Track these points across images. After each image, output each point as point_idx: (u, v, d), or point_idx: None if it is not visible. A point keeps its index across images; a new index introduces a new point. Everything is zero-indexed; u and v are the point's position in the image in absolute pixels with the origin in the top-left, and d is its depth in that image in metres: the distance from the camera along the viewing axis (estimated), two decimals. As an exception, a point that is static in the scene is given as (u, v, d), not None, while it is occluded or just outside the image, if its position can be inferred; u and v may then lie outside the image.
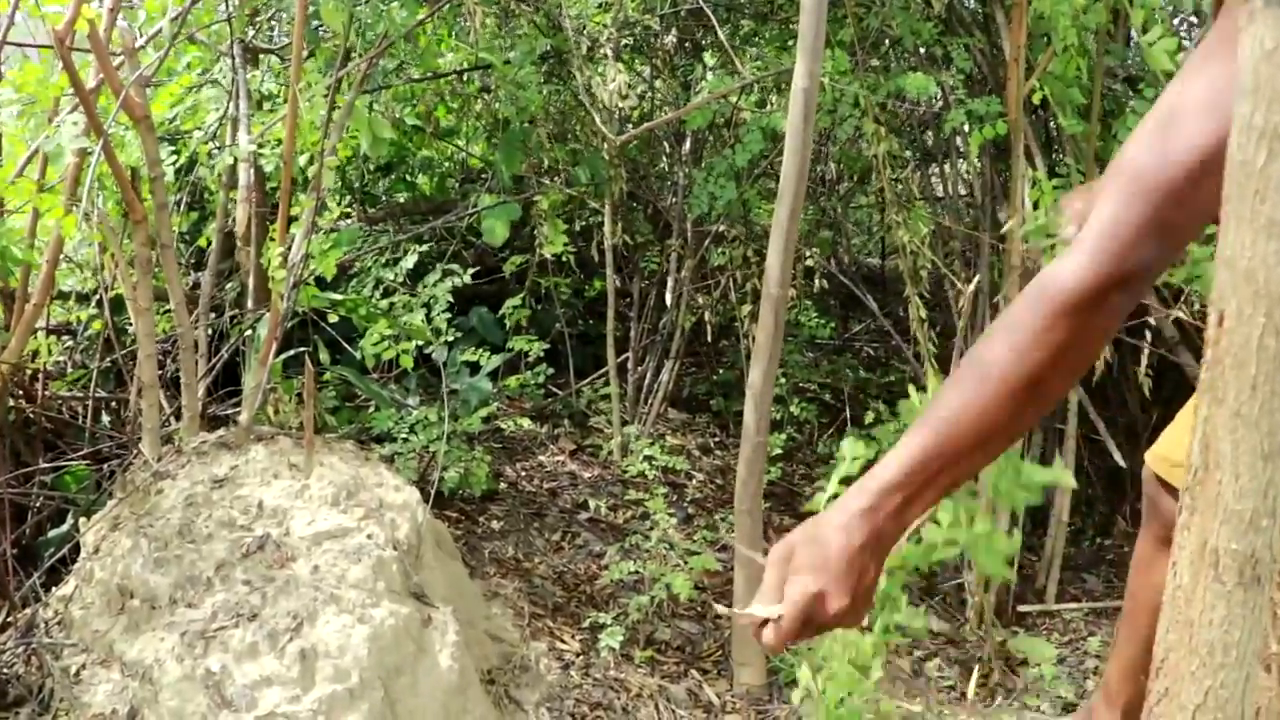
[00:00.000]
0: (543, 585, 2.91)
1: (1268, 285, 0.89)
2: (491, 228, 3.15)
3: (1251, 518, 0.93)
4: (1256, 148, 0.87)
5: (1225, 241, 0.91)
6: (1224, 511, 0.95)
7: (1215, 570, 0.96)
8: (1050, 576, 3.34)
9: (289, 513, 2.08)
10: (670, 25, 3.77)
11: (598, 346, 4.53)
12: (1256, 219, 0.88)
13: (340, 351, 3.30)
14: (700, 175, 3.01)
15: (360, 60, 2.13)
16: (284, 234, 2.11)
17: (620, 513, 3.48)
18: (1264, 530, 0.94)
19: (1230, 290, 0.91)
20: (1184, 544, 1.05)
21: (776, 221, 2.32)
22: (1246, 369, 0.91)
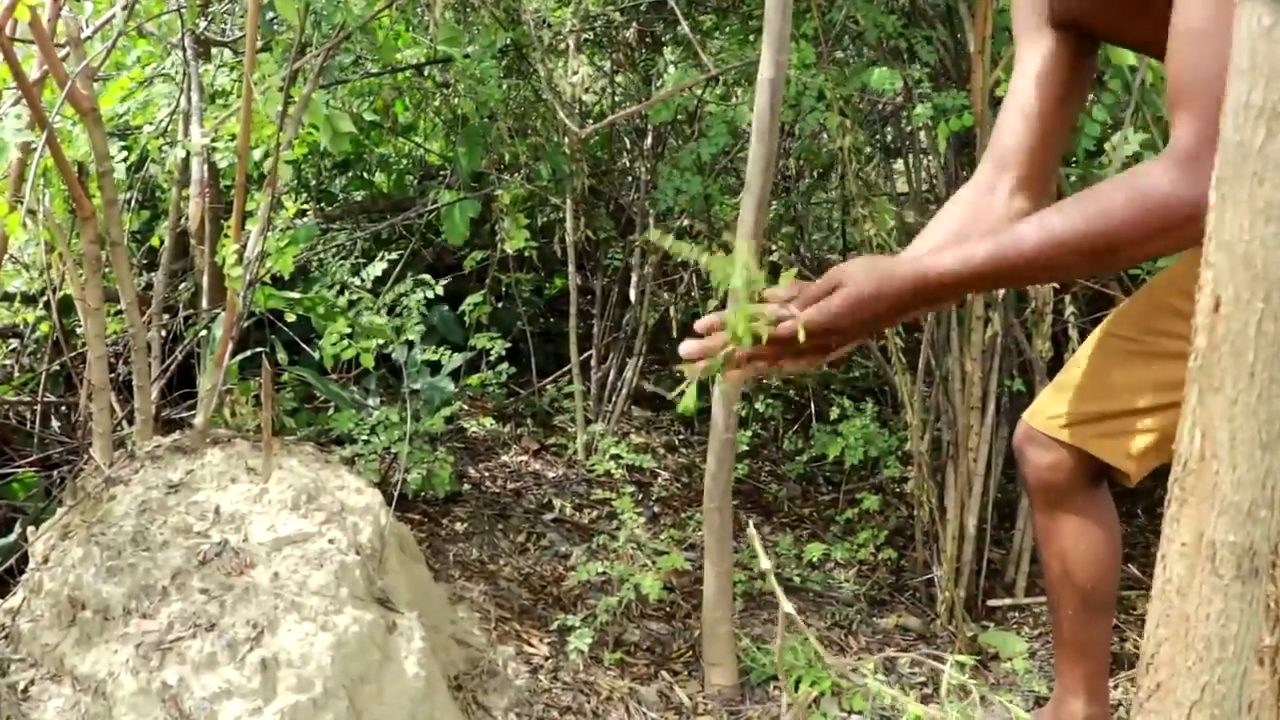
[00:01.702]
0: (509, 588, 2.86)
1: (1266, 269, 0.86)
2: (452, 225, 3.10)
3: (1250, 509, 0.91)
4: (1254, 127, 0.84)
5: (1221, 224, 0.88)
6: (1221, 503, 0.92)
7: (1212, 564, 0.93)
8: (1019, 570, 3.33)
9: (247, 518, 2.02)
10: (631, 19, 3.73)
11: (559, 344, 4.47)
12: (1254, 201, 0.85)
13: (298, 352, 3.23)
14: (665, 169, 2.97)
15: (317, 52, 2.07)
16: (239, 231, 2.05)
17: (586, 513, 3.44)
18: (1262, 521, 0.91)
19: (1227, 275, 0.88)
20: (1174, 536, 1.03)
21: (743, 216, 2.29)
22: (1244, 356, 0.89)
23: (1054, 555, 2.03)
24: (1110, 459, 1.91)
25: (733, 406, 2.44)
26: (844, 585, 3.29)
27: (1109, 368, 1.95)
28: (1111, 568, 2.05)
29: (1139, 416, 1.89)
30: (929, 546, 3.31)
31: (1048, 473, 1.97)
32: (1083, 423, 1.92)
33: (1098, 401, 1.92)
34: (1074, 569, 2.02)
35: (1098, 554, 2.02)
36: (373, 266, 2.73)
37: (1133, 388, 1.89)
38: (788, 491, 3.89)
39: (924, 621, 3.19)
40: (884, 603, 3.27)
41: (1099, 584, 2.04)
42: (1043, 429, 1.97)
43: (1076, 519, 1.99)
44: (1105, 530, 2.01)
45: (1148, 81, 2.71)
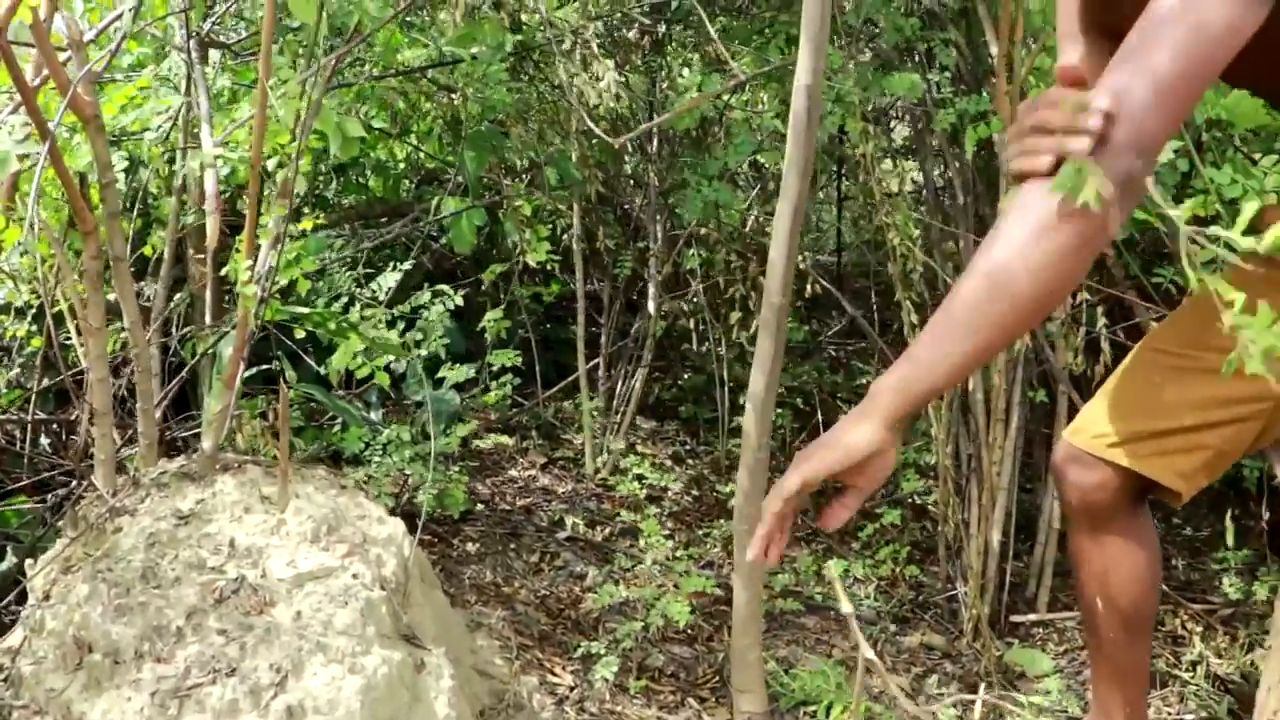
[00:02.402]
0: (526, 612, 2.75)
1: None
2: (459, 234, 2.98)
3: None
4: None
5: None
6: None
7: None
8: (1041, 584, 3.26)
9: (265, 552, 1.90)
10: (633, 20, 3.63)
11: (559, 352, 4.36)
12: None
13: (299, 364, 3.11)
14: (693, 179, 2.86)
15: (331, 56, 1.96)
16: (251, 246, 1.93)
17: (599, 529, 3.33)
18: None
19: None
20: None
21: (778, 227, 2.19)
22: None
23: (1094, 577, 1.96)
24: (1161, 478, 1.85)
25: (768, 421, 2.34)
26: (865, 602, 3.20)
27: (1158, 384, 1.88)
28: (1153, 589, 1.98)
29: (1191, 433, 1.83)
30: (952, 562, 3.22)
31: (1093, 493, 1.90)
32: (1132, 441, 1.85)
33: (1148, 419, 1.85)
34: (1116, 592, 1.96)
35: (1140, 575, 1.96)
36: (386, 277, 2.61)
37: (1185, 405, 1.83)
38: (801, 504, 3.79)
39: (949, 639, 3.10)
40: (907, 620, 3.18)
41: (1141, 606, 1.97)
42: (1088, 448, 1.89)
43: (1119, 540, 1.93)
44: (1148, 551, 1.95)
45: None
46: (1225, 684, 2.85)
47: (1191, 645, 2.94)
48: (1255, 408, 1.81)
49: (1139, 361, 1.92)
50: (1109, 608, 1.97)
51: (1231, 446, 1.85)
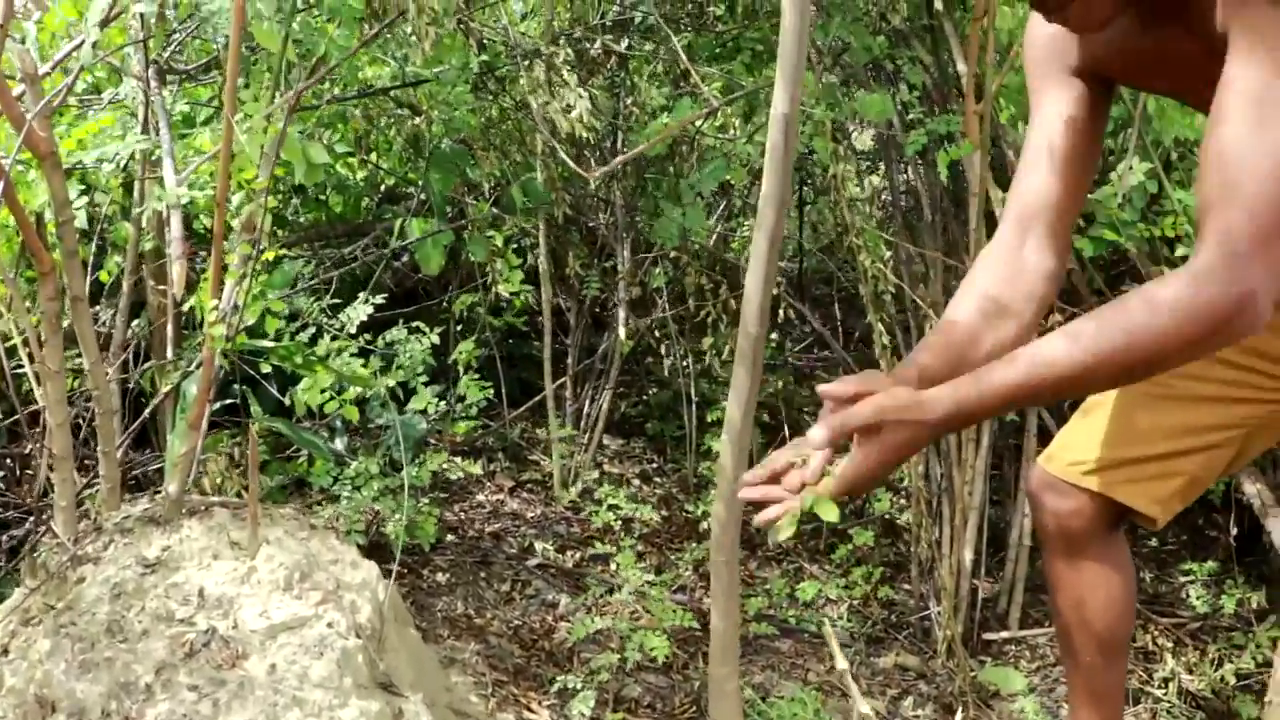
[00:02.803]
0: (499, 645, 2.71)
1: None
2: (427, 257, 2.93)
3: None
4: None
5: None
6: None
7: None
8: (1013, 601, 3.26)
9: (236, 601, 1.84)
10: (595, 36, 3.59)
11: (522, 369, 4.31)
12: None
13: (258, 389, 3.04)
14: (665, 205, 2.83)
15: (296, 88, 1.91)
16: (218, 285, 1.87)
17: (569, 555, 3.29)
18: None
19: None
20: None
21: (754, 258, 2.16)
22: None
23: (1070, 602, 1.98)
24: (1137, 505, 1.87)
25: (745, 453, 2.31)
26: (839, 623, 3.18)
27: (1134, 412, 1.89)
28: (1128, 613, 2.01)
29: (1166, 460, 1.85)
30: (924, 581, 3.21)
31: (1068, 519, 1.92)
32: (1107, 468, 1.87)
33: (1124, 447, 1.86)
34: (1092, 616, 1.97)
35: (1115, 600, 1.98)
36: (355, 309, 2.55)
37: (1159, 432, 1.85)
38: (769, 522, 3.77)
39: (923, 659, 3.10)
40: (880, 640, 3.17)
41: (1116, 630, 2.00)
42: (1063, 475, 1.90)
43: (1095, 565, 1.95)
44: (1123, 575, 1.98)
45: (1149, 108, 2.65)
46: (1197, 700, 2.86)
47: (1163, 661, 2.95)
48: (1228, 435, 1.83)
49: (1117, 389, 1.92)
50: (1085, 632, 1.98)
51: (1205, 472, 1.87)
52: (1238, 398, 1.80)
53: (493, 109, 3.40)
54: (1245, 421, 1.82)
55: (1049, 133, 1.59)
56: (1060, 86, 1.60)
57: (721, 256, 3.66)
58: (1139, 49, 1.48)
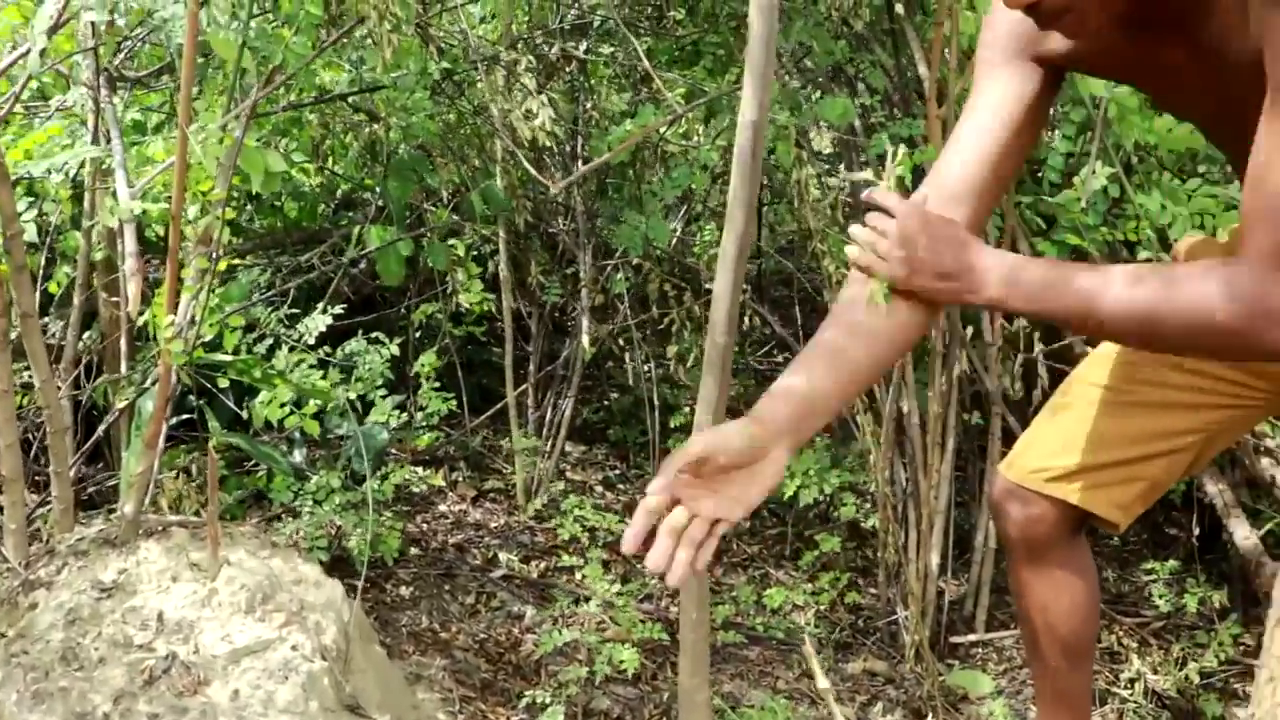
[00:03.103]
0: (465, 659, 2.67)
1: None
2: (387, 266, 2.88)
3: None
4: None
5: None
6: None
7: None
8: (979, 604, 3.26)
9: (196, 625, 1.79)
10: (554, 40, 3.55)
11: (482, 374, 4.26)
12: None
13: (214, 402, 2.97)
14: (628, 214, 2.80)
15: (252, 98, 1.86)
16: (173, 299, 1.82)
17: (534, 565, 3.26)
18: None
19: None
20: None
21: (722, 265, 2.13)
22: None
23: (1035, 608, 1.99)
24: (1099, 510, 1.88)
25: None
26: (807, 629, 3.17)
27: (1096, 418, 1.90)
28: (1092, 616, 2.02)
29: (1127, 466, 1.87)
30: (891, 585, 3.21)
31: (1031, 526, 1.93)
32: (1069, 475, 1.88)
33: (1084, 454, 1.88)
34: (1057, 621, 1.99)
35: (1080, 604, 1.99)
36: (314, 320, 2.49)
37: (1120, 438, 1.86)
38: (734, 527, 3.75)
39: (891, 664, 3.09)
40: (849, 646, 3.16)
41: (1082, 634, 2.01)
42: (1024, 483, 1.91)
43: (1059, 571, 1.96)
44: (1086, 580, 1.99)
45: (1111, 113, 2.65)
46: (1163, 699, 2.88)
47: (1129, 662, 2.96)
48: (1189, 440, 1.84)
49: (1072, 395, 1.93)
50: (1050, 637, 1.99)
51: (1166, 476, 1.89)
52: (1200, 404, 1.81)
53: (451, 114, 3.35)
54: (1207, 427, 1.83)
55: (992, 115, 1.52)
56: (1015, 71, 1.53)
57: (683, 262, 3.64)
58: (1123, 52, 1.46)
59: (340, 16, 2.38)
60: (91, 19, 1.89)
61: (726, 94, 2.60)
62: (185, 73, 1.71)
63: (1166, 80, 1.47)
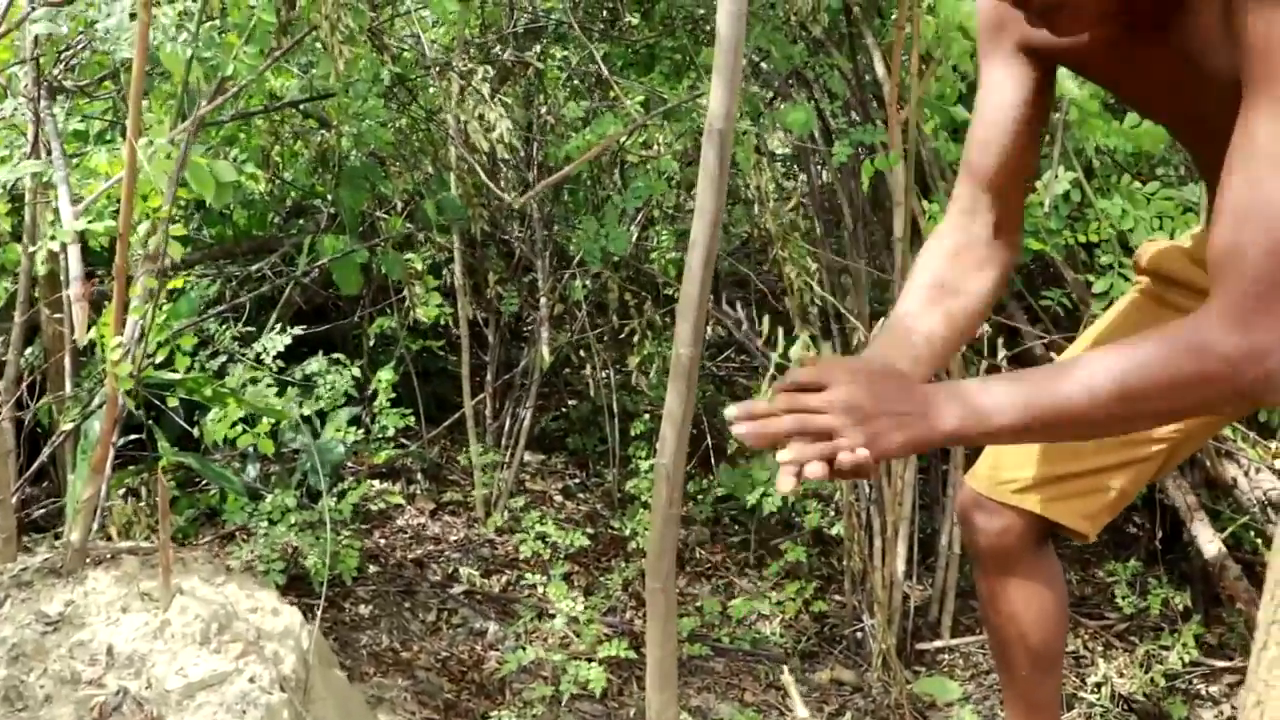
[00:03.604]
0: (427, 679, 2.61)
1: None
2: (345, 278, 2.81)
3: None
4: None
5: None
6: None
7: None
8: (944, 609, 3.25)
9: (149, 659, 1.73)
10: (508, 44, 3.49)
11: (438, 383, 4.19)
12: None
13: (163, 420, 2.89)
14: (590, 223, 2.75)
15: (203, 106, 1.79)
16: (120, 322, 1.75)
17: (495, 579, 3.20)
18: None
19: None
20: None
21: (688, 276, 2.09)
22: None
23: (1004, 618, 1.98)
24: (1067, 521, 1.88)
25: (680, 476, 2.25)
26: (773, 639, 3.14)
27: None
28: (1061, 625, 2.02)
29: (1093, 476, 1.87)
30: (857, 593, 3.19)
31: (998, 537, 1.92)
32: (1035, 486, 1.88)
33: (1053, 464, 1.87)
34: (1027, 631, 1.98)
35: (1048, 614, 1.99)
36: (273, 339, 2.42)
37: (1090, 449, 1.86)
38: (696, 536, 3.72)
39: (858, 673, 3.07)
40: (815, 655, 3.14)
41: (1050, 643, 2.01)
42: (992, 494, 1.90)
43: (1027, 582, 1.96)
44: (1054, 590, 1.99)
45: (1071, 116, 2.65)
46: (1129, 702, 2.88)
47: (1095, 666, 2.96)
48: (1154, 449, 1.84)
49: None
50: (1019, 646, 1.98)
51: (1133, 485, 1.89)
52: None
53: (403, 120, 3.29)
54: (1172, 435, 1.83)
55: (1001, 100, 1.60)
56: (1010, 64, 1.60)
57: (642, 268, 3.60)
58: (1106, 51, 1.47)
59: (291, 25, 2.31)
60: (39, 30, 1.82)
61: (687, 102, 2.56)
62: (134, 86, 1.64)
63: (1143, 81, 1.47)
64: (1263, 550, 2.98)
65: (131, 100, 1.62)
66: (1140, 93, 1.60)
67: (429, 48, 3.01)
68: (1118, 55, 1.47)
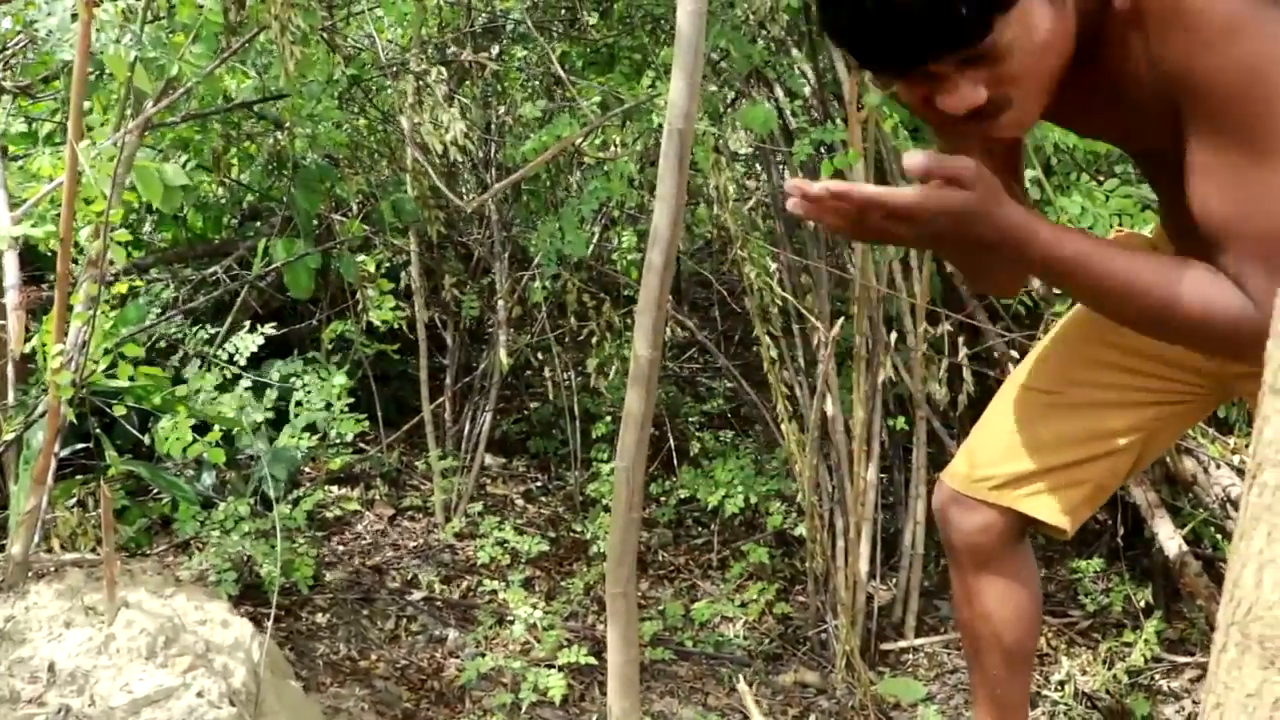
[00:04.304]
0: (386, 688, 2.57)
1: None
2: (296, 280, 2.76)
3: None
4: None
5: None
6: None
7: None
8: (908, 609, 3.24)
9: (92, 675, 1.68)
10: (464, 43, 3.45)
11: (397, 386, 4.14)
12: None
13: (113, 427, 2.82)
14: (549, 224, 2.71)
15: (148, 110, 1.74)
16: (62, 328, 1.70)
17: (454, 585, 3.16)
18: None
19: None
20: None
21: (648, 278, 2.07)
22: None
23: (977, 615, 1.97)
24: (1045, 516, 1.87)
25: (640, 480, 2.22)
26: (735, 641, 3.12)
27: (1033, 423, 1.89)
28: (1035, 623, 2.01)
29: (1070, 470, 1.87)
30: (820, 594, 3.18)
31: (976, 535, 1.92)
32: (1013, 482, 1.87)
33: (1027, 460, 1.87)
34: (1000, 629, 1.97)
35: (1024, 611, 1.99)
36: (243, 341, 2.37)
37: (1064, 442, 1.86)
38: (658, 539, 3.69)
39: (822, 675, 3.06)
40: (778, 657, 3.12)
41: (1024, 641, 2.01)
42: (968, 491, 1.90)
43: (1003, 580, 1.95)
44: (1029, 587, 1.99)
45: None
46: (1093, 700, 2.88)
47: (1058, 664, 2.97)
48: (1130, 439, 1.84)
49: (1010, 400, 1.92)
50: (993, 645, 1.97)
51: (1111, 478, 1.88)
52: (1136, 402, 1.81)
53: (359, 121, 3.24)
54: (1145, 425, 1.84)
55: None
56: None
57: (601, 269, 3.57)
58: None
59: (241, 25, 2.27)
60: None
61: (645, 102, 2.54)
62: (76, 88, 1.60)
63: (1082, 113, 1.48)
64: (1223, 546, 2.99)
65: (73, 102, 1.57)
66: (1081, 124, 1.63)
67: (384, 48, 2.96)
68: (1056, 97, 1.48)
